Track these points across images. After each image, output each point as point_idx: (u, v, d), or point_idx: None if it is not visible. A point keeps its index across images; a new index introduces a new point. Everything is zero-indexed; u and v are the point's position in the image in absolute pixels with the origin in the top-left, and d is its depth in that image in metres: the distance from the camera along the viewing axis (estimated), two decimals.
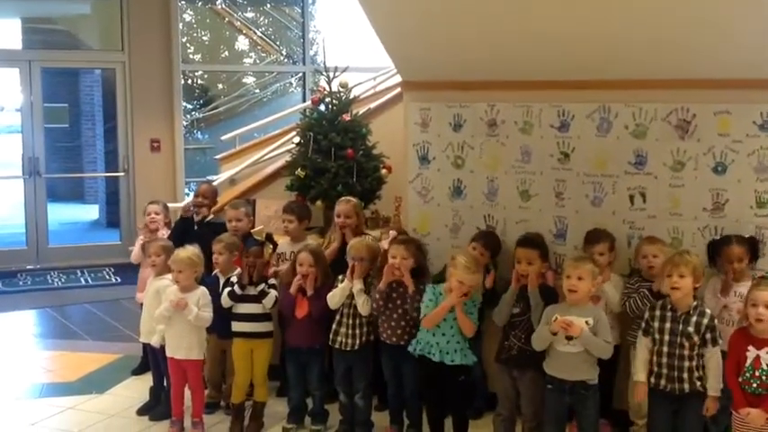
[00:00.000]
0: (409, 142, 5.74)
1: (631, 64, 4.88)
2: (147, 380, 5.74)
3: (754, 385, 3.89)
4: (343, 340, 5.08)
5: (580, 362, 4.27)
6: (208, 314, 5.07)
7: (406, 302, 4.91)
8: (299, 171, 6.34)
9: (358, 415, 5.16)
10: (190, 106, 15.03)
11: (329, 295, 5.05)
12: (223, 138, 9.12)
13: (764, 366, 3.86)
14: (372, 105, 6.99)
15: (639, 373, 4.27)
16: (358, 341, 5.07)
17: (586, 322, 4.25)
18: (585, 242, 5.06)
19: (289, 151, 6.74)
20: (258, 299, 5.17)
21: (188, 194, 10.44)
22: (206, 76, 15.28)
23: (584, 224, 5.18)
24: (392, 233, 5.28)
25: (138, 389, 5.93)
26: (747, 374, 3.90)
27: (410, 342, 4.86)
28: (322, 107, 6.54)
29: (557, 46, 4.89)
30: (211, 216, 6.10)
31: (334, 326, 5.12)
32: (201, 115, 15.01)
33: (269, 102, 15.00)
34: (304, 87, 12.12)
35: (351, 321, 5.08)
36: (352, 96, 6.55)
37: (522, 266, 4.64)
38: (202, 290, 5.12)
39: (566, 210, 5.32)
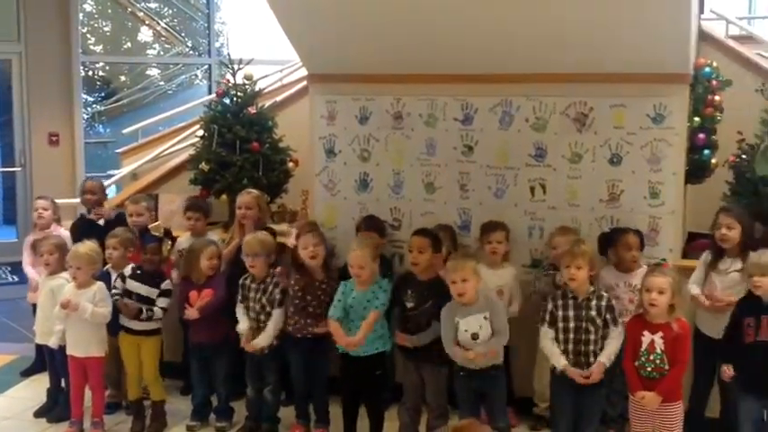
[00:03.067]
0: (315, 135, 5.72)
1: (532, 58, 4.98)
2: (44, 381, 5.55)
3: (649, 369, 4.04)
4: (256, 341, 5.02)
5: (500, 345, 4.38)
6: (105, 310, 4.93)
7: (314, 295, 4.88)
8: (202, 165, 6.22)
9: (265, 410, 5.11)
10: (91, 99, 14.58)
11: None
12: (125, 131, 8.89)
13: (659, 351, 4.01)
14: (279, 98, 6.92)
15: (560, 360, 4.30)
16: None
17: (485, 317, 4.32)
18: (482, 233, 5.16)
19: (192, 145, 6.62)
20: (149, 302, 5.06)
21: None
22: (108, 67, 14.86)
23: (488, 215, 5.28)
24: (294, 228, 5.24)
25: (35, 390, 5.73)
26: (642, 359, 4.05)
27: (317, 335, 4.85)
28: (227, 100, 6.42)
29: (460, 40, 4.95)
30: (118, 210, 5.92)
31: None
32: (103, 108, 14.59)
33: (174, 94, 14.68)
34: (210, 80, 11.91)
35: (262, 325, 5.00)
36: (257, 89, 6.46)
37: (413, 255, 4.67)
38: (99, 285, 4.98)
39: (470, 201, 5.40)
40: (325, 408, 5.05)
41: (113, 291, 5.04)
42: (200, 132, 6.49)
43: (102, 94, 14.69)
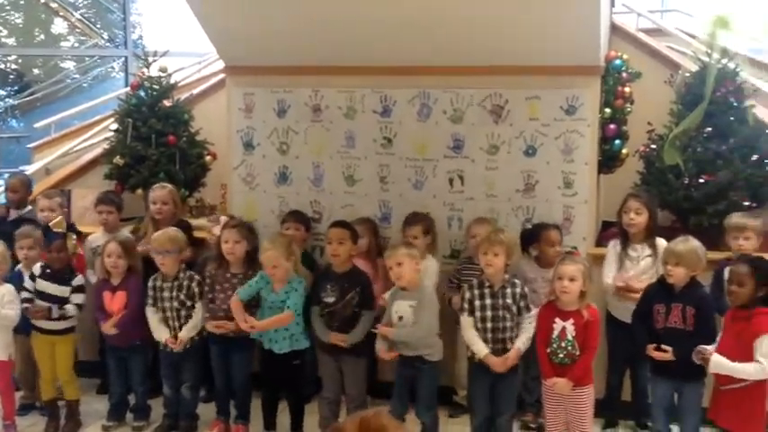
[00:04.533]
0: (233, 128, 5.66)
1: (449, 51, 5.03)
2: None
3: (561, 355, 4.13)
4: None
5: (413, 338, 4.38)
6: (12, 312, 4.77)
7: (223, 289, 4.83)
8: (117, 159, 6.07)
9: (184, 407, 5.04)
10: (3, 92, 14.14)
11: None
12: (37, 125, 8.60)
13: (570, 337, 4.10)
14: (195, 91, 6.81)
15: (482, 349, 4.33)
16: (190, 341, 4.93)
17: (410, 306, 4.35)
18: (404, 225, 5.18)
19: (107, 139, 6.45)
20: (62, 300, 4.91)
21: None
22: (20, 60, 14.40)
23: (408, 207, 5.31)
24: (223, 218, 5.17)
25: None
26: (554, 345, 4.13)
27: (239, 332, 4.77)
28: (142, 93, 6.29)
29: (378, 32, 4.95)
30: (29, 208, 5.73)
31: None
32: (16, 102, 14.15)
33: (90, 87, 14.33)
34: (126, 72, 11.62)
35: (177, 324, 4.92)
36: (173, 81, 6.33)
37: (332, 247, 4.66)
38: (7, 287, 4.81)
39: (390, 194, 5.44)
40: (246, 404, 5.00)
41: (24, 293, 4.88)
42: (115, 126, 6.33)
43: (16, 88, 14.25)
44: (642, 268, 4.75)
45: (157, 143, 6.09)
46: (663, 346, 4.08)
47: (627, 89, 5.29)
